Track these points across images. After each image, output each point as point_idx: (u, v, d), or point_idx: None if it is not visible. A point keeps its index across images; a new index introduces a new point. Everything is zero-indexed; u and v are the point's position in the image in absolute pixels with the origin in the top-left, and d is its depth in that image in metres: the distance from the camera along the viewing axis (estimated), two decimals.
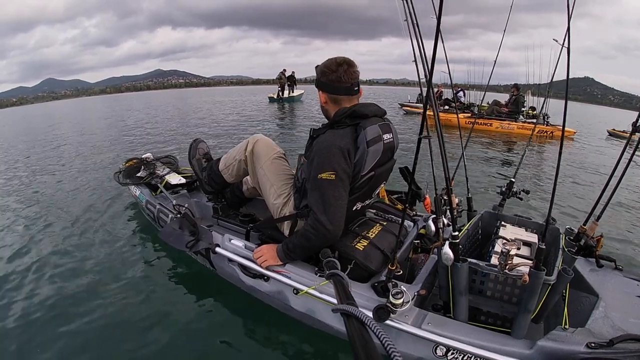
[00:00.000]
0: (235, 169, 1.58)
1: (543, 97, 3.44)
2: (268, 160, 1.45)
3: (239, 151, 1.54)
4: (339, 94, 1.26)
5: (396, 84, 46.29)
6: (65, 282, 1.85)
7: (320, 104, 1.34)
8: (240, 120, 8.83)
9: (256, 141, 1.49)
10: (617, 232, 2.60)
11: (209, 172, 1.67)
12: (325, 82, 1.27)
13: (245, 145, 1.51)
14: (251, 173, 1.51)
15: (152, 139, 6.46)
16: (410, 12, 1.29)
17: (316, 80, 1.31)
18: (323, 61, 1.28)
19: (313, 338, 1.40)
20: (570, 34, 1.11)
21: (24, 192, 3.50)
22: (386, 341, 0.60)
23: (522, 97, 7.60)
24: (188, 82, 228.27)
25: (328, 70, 1.25)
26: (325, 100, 1.30)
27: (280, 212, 1.42)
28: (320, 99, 1.32)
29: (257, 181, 1.49)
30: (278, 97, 13.90)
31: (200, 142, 1.86)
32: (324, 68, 1.26)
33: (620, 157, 1.37)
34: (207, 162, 1.78)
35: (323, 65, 1.27)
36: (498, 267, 1.04)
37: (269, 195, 1.45)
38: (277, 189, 1.43)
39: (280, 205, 1.42)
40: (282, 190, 1.43)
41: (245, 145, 1.51)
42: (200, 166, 1.76)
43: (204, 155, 1.82)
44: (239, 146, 1.55)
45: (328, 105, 1.31)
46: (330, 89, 1.27)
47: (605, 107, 70.05)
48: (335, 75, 1.24)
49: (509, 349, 1.01)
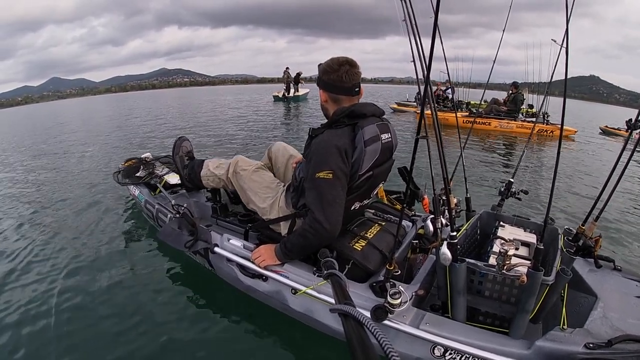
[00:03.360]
0: (214, 182, 1.70)
1: (542, 95, 3.44)
2: (248, 174, 1.56)
3: (222, 169, 1.64)
4: (339, 94, 1.27)
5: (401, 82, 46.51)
6: (61, 281, 1.84)
7: (320, 103, 1.35)
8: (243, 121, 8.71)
9: (236, 162, 1.60)
10: (616, 233, 2.60)
11: (190, 171, 1.78)
12: (326, 81, 1.27)
13: (227, 167, 1.62)
14: (238, 189, 1.60)
15: (153, 139, 6.46)
16: (409, 11, 1.29)
17: (318, 79, 1.31)
18: (326, 60, 1.29)
19: (311, 338, 1.39)
20: (568, 34, 1.11)
21: (24, 192, 3.49)
22: (384, 341, 0.60)
23: (521, 95, 7.48)
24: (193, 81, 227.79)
25: (330, 69, 1.25)
26: (325, 99, 1.31)
27: (270, 213, 1.47)
28: (321, 97, 1.33)
29: (245, 195, 1.58)
30: (283, 96, 13.73)
31: (184, 141, 1.99)
32: (326, 67, 1.26)
33: (620, 157, 1.37)
34: (189, 160, 1.92)
35: (325, 64, 1.27)
36: (496, 267, 1.04)
37: (256, 202, 1.53)
38: (262, 195, 1.51)
39: (268, 207, 1.48)
40: (267, 194, 1.51)
41: (227, 167, 1.63)
42: (182, 163, 1.89)
43: (187, 154, 1.94)
44: (223, 164, 1.66)
45: (328, 104, 1.31)
46: (331, 88, 1.27)
47: (611, 105, 69.57)
48: (336, 75, 1.24)
49: (507, 349, 1.01)
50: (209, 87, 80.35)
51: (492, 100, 7.97)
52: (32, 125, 11.17)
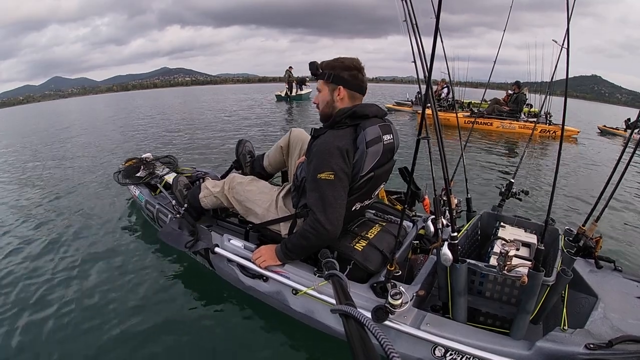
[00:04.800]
0: (211, 202, 1.67)
1: (544, 95, 3.42)
2: (243, 187, 1.57)
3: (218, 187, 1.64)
4: (358, 91, 1.30)
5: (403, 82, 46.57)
6: (60, 281, 1.85)
7: (327, 100, 1.30)
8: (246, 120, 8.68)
9: (232, 178, 1.62)
10: (616, 233, 2.60)
11: (190, 197, 1.77)
12: (347, 78, 1.26)
13: (223, 185, 1.62)
14: (235, 204, 1.60)
15: (153, 139, 6.46)
16: (410, 11, 1.29)
17: (333, 75, 1.26)
18: (328, 59, 1.30)
19: (312, 338, 1.39)
20: (569, 34, 1.11)
21: (25, 191, 3.50)
22: (385, 342, 0.60)
23: (524, 95, 7.35)
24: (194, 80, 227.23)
25: (353, 67, 1.26)
26: (342, 96, 1.28)
27: (267, 215, 1.48)
28: (335, 94, 1.28)
29: (242, 207, 1.57)
30: (286, 95, 13.68)
31: (180, 176, 2.02)
32: (349, 64, 1.26)
33: (620, 158, 1.37)
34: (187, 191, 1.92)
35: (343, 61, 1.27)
36: (497, 267, 1.04)
37: (254, 209, 1.52)
38: (258, 201, 1.52)
39: (265, 210, 1.49)
40: (262, 199, 1.52)
41: (222, 185, 1.63)
42: (182, 195, 1.89)
43: (185, 186, 1.95)
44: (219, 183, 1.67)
45: (343, 102, 1.28)
46: (351, 85, 1.28)
47: (613, 105, 69.22)
48: (357, 73, 1.27)
49: (508, 349, 1.01)
50: (210, 86, 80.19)
51: (494, 100, 7.85)
52: (26, 125, 11.16)
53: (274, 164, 1.84)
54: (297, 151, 1.70)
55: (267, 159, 1.85)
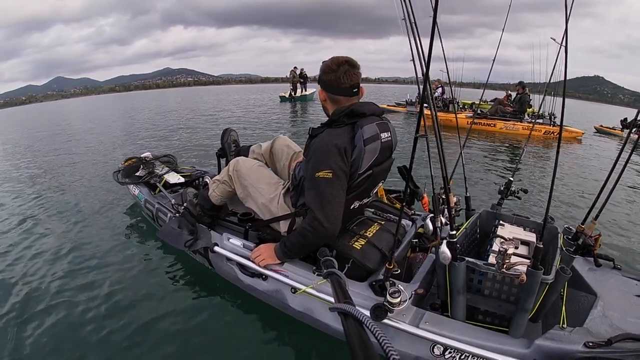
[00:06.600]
0: (219, 190, 1.64)
1: (547, 96, 3.42)
2: (248, 170, 1.54)
3: (223, 173, 1.62)
4: (337, 94, 1.27)
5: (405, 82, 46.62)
6: (59, 280, 1.85)
7: (320, 101, 1.36)
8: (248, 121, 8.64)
9: (237, 161, 1.59)
10: (615, 231, 2.60)
11: (200, 200, 1.74)
12: (325, 80, 1.27)
13: (228, 168, 1.60)
14: (238, 187, 1.57)
15: (153, 139, 6.46)
16: (408, 10, 1.29)
17: (318, 78, 1.32)
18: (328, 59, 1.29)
19: (310, 337, 1.39)
20: (568, 33, 1.11)
21: (26, 190, 3.50)
22: (383, 340, 0.60)
23: (527, 96, 7.23)
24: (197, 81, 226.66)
25: (328, 69, 1.25)
26: (324, 98, 1.31)
27: (269, 208, 1.46)
28: (320, 96, 1.33)
29: (244, 191, 1.54)
30: (290, 96, 13.58)
31: (188, 188, 1.98)
32: (326, 67, 1.26)
33: (619, 156, 1.37)
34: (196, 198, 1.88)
35: (325, 64, 1.27)
36: (496, 266, 1.04)
37: (256, 198, 1.50)
38: (262, 190, 1.49)
39: (267, 202, 1.46)
40: (267, 189, 1.48)
41: (227, 169, 1.60)
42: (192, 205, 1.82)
43: (194, 195, 1.91)
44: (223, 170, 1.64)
45: (327, 103, 1.32)
46: (328, 88, 1.27)
47: (615, 105, 69.15)
48: (334, 75, 1.23)
49: (507, 348, 1.01)
50: (212, 86, 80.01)
51: (497, 100, 7.74)
52: (26, 129, 11.15)
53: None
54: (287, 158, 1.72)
55: (252, 153, 1.85)
